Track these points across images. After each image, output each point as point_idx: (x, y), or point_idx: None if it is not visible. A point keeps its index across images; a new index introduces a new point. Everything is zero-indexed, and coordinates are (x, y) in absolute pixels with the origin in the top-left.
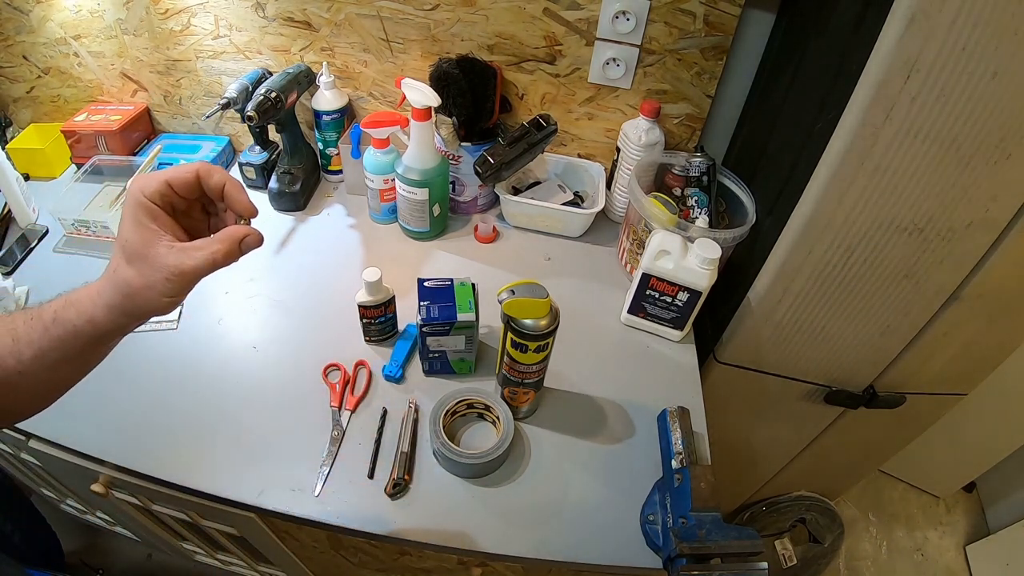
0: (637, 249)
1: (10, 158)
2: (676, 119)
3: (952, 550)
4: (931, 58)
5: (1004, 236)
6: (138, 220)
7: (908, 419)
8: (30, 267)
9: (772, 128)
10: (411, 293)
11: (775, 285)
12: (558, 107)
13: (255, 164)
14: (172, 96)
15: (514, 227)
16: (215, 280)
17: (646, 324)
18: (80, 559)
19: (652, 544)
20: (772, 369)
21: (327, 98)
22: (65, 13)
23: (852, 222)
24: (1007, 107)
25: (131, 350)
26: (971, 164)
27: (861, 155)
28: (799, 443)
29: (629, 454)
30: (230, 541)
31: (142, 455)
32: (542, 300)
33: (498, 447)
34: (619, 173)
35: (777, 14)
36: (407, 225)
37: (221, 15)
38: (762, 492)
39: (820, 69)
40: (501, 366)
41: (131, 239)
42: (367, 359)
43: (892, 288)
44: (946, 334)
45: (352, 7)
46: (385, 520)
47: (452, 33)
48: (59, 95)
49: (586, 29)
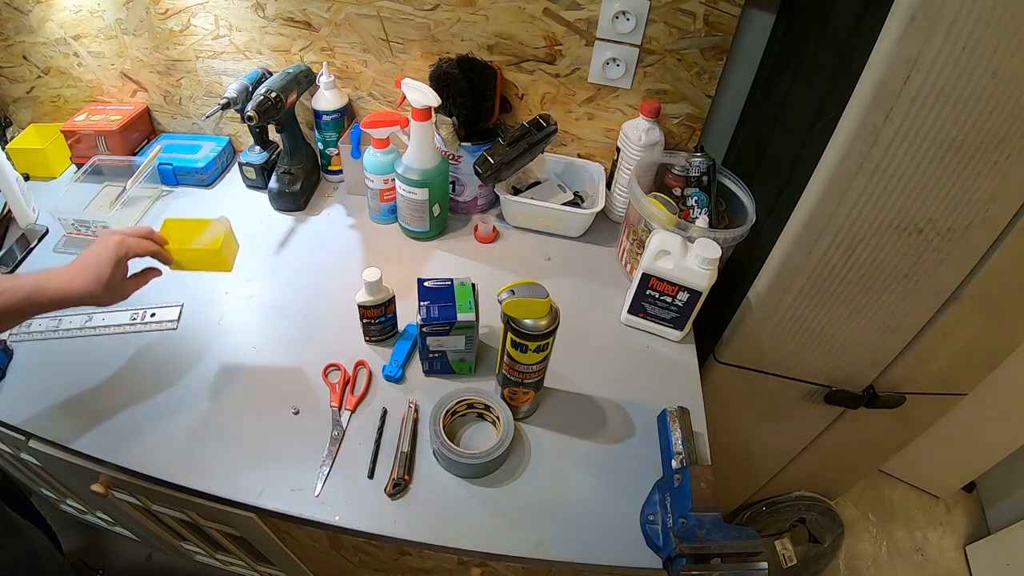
0: (637, 249)
1: (10, 158)
2: (676, 119)
3: (952, 550)
4: (931, 58)
5: (1004, 236)
6: (119, 262)
7: (908, 419)
8: (30, 267)
9: (772, 128)
10: (411, 293)
11: (775, 285)
12: (558, 107)
13: (255, 164)
14: (172, 96)
15: (514, 227)
16: (215, 280)
17: (646, 324)
18: (80, 559)
19: (652, 544)
20: (772, 369)
21: (327, 98)
22: (65, 13)
23: (852, 222)
24: (1007, 107)
25: (131, 350)
26: (971, 164)
27: (861, 155)
28: (799, 443)
29: (629, 454)
30: (230, 541)
31: (142, 455)
32: (542, 300)
33: (498, 447)
34: (619, 173)
35: (777, 14)
36: (407, 225)
37: (221, 15)
38: (762, 492)
39: (820, 69)
40: (501, 366)
41: (113, 275)
42: (367, 359)
43: (892, 288)
44: (946, 334)
45: (352, 7)
46: (385, 520)
47: (452, 33)
48: (59, 95)
49: (586, 29)
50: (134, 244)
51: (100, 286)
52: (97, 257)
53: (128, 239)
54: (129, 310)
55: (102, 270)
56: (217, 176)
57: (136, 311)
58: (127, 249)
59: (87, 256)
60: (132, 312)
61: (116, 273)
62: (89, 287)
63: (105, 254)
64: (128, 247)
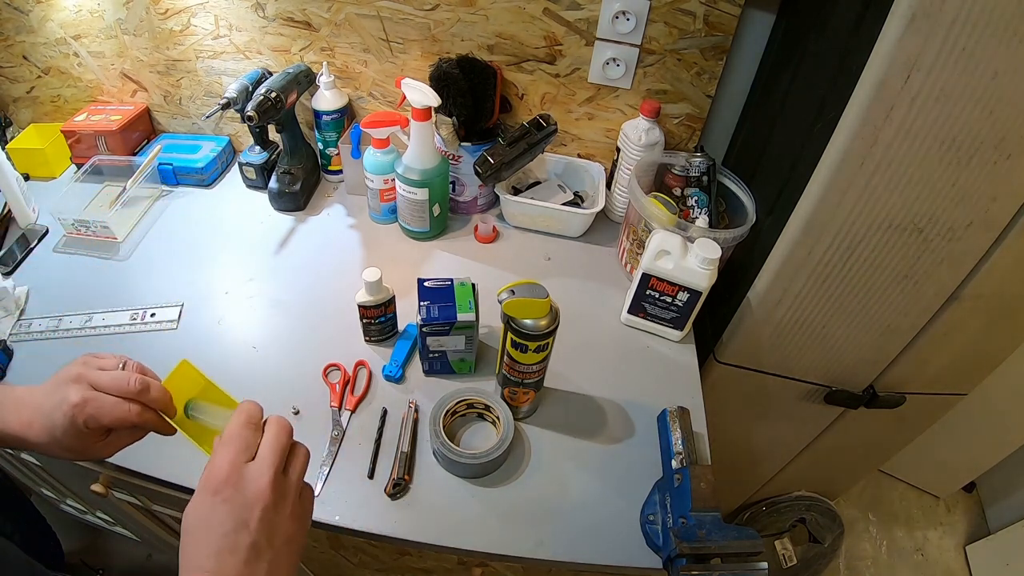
0: (637, 249)
1: (10, 158)
2: (676, 119)
3: (952, 550)
4: (931, 58)
5: (1004, 236)
6: (79, 433)
7: (908, 419)
8: (30, 267)
9: (772, 128)
10: (411, 293)
11: (775, 285)
12: (558, 107)
13: (255, 164)
14: (172, 96)
15: (514, 227)
16: (215, 280)
17: (646, 324)
18: (80, 559)
19: (652, 544)
20: (772, 369)
21: (327, 98)
22: (65, 13)
23: (852, 222)
24: (1007, 107)
25: (131, 350)
26: (971, 164)
27: (861, 155)
28: (799, 443)
29: (629, 454)
30: None
31: (142, 455)
32: (542, 300)
33: (498, 447)
34: (619, 173)
35: (777, 14)
36: (407, 225)
37: (221, 15)
38: (762, 492)
39: (820, 69)
40: (501, 366)
41: (74, 444)
42: (367, 359)
43: (892, 288)
44: (946, 334)
45: (352, 7)
46: (385, 520)
47: (452, 33)
48: (59, 95)
49: (586, 29)
50: (101, 410)
51: (61, 449)
52: (51, 413)
53: (92, 402)
54: (129, 310)
55: (56, 433)
56: (217, 176)
57: (136, 311)
58: (87, 416)
59: (44, 400)
60: (132, 312)
61: (77, 443)
62: (48, 447)
63: (59, 416)
64: (89, 414)
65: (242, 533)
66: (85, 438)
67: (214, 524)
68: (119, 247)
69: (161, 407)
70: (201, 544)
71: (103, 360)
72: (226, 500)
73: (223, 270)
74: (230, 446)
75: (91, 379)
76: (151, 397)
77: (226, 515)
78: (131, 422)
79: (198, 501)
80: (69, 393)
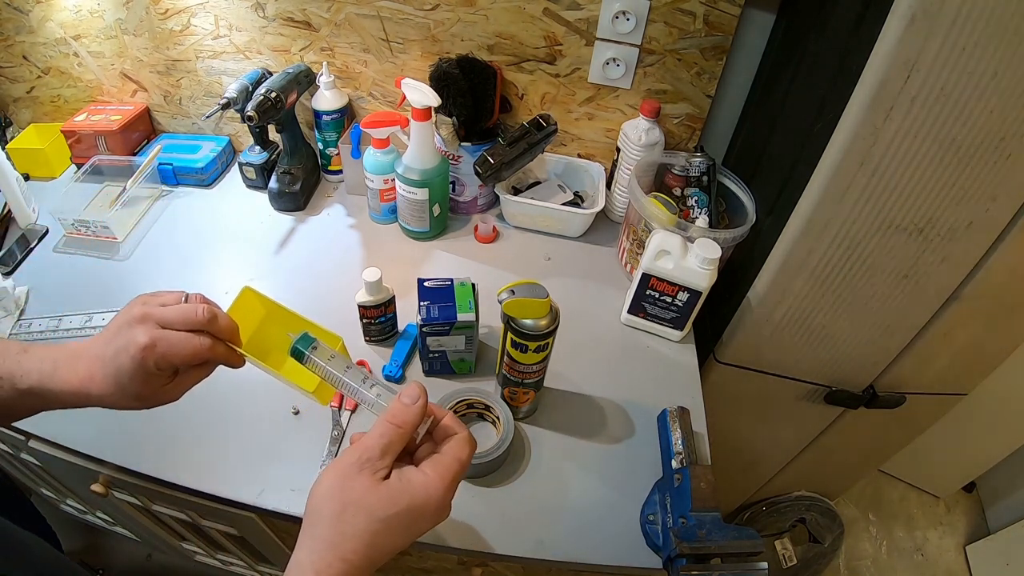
0: (637, 249)
1: (10, 158)
2: (676, 119)
3: (952, 550)
4: (931, 58)
5: (1004, 236)
6: (148, 376)
7: (908, 419)
8: (30, 267)
9: (772, 128)
10: (411, 293)
11: (775, 285)
12: (558, 107)
13: (255, 164)
14: (172, 96)
15: (514, 227)
16: (215, 280)
17: (646, 324)
18: (80, 559)
19: (652, 544)
20: (772, 369)
21: (327, 98)
22: (65, 13)
23: (852, 222)
24: (1007, 107)
25: None
26: (971, 164)
27: (861, 155)
28: (799, 443)
29: (629, 454)
30: (230, 541)
31: (142, 455)
32: (542, 300)
33: (498, 447)
34: (619, 173)
35: (777, 14)
36: (407, 225)
37: (221, 15)
38: (762, 492)
39: (820, 69)
40: (501, 366)
41: (142, 389)
42: (367, 359)
43: (892, 288)
44: (946, 334)
45: (352, 7)
46: None
47: (452, 33)
48: (59, 95)
49: (586, 29)
50: (173, 347)
51: (128, 398)
52: (116, 358)
53: (162, 341)
54: None
55: (123, 380)
56: (217, 176)
57: None
58: (158, 357)
59: (106, 348)
60: None
61: (146, 388)
62: (114, 398)
63: (126, 360)
64: (160, 354)
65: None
66: (154, 381)
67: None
68: (119, 247)
69: (229, 336)
70: (361, 520)
71: (163, 296)
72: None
73: (223, 270)
74: (451, 473)
75: (156, 316)
76: (219, 327)
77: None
78: (203, 356)
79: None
80: (136, 334)
